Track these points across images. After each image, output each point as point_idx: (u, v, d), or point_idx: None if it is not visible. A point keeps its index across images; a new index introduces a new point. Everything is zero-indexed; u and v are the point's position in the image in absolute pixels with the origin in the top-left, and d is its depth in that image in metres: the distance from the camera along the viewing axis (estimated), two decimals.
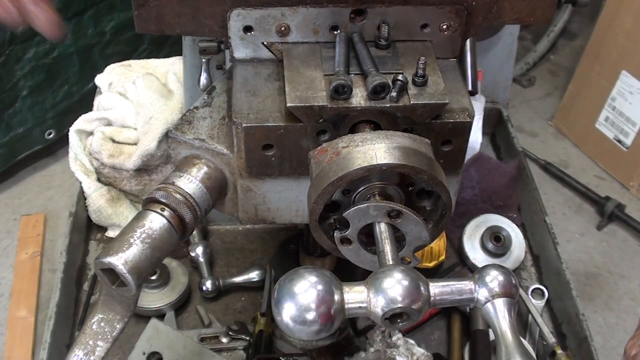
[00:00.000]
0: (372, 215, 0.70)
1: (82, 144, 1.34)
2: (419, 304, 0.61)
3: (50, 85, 1.58)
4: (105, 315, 0.73)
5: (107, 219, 1.31)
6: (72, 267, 1.24)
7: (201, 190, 0.76)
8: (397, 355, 1.03)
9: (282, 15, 0.78)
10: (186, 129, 0.81)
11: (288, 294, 0.59)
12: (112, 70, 1.44)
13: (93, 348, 0.71)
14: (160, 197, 0.73)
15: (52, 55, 1.55)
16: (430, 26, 0.80)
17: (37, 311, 1.31)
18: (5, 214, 1.53)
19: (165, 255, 0.72)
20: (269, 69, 0.80)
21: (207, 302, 1.21)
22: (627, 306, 1.37)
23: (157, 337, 1.08)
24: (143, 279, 0.69)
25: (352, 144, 0.69)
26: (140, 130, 1.27)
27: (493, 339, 1.10)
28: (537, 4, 0.82)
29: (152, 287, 1.16)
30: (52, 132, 1.62)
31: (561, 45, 2.03)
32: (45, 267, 1.39)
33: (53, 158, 1.66)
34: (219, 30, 0.79)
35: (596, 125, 1.68)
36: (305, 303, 0.59)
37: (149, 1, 0.77)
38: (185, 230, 0.74)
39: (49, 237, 1.46)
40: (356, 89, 0.73)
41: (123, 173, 1.30)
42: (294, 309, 0.59)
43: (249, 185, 0.79)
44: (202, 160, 0.79)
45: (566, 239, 1.48)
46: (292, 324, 0.59)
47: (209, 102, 0.85)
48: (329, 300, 0.59)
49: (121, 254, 0.67)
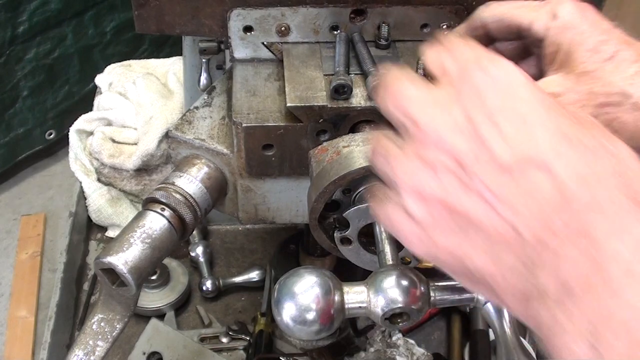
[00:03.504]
0: (372, 215, 0.70)
1: (82, 144, 1.34)
2: (419, 304, 0.61)
3: (51, 85, 1.58)
4: (105, 315, 0.73)
5: (107, 219, 1.31)
6: (72, 267, 1.24)
7: (201, 190, 0.76)
8: (397, 355, 1.03)
9: (282, 15, 0.78)
10: (186, 129, 0.81)
11: (288, 294, 0.59)
12: (112, 70, 1.44)
13: (93, 348, 0.71)
14: (160, 197, 0.73)
15: (53, 56, 1.56)
16: (431, 26, 0.80)
17: (37, 311, 1.31)
18: (5, 214, 1.53)
19: (165, 255, 0.72)
20: (269, 69, 0.80)
21: (207, 302, 1.21)
22: None
23: (157, 337, 1.08)
24: (143, 279, 0.69)
25: (353, 143, 0.69)
26: (140, 130, 1.27)
27: (493, 339, 1.10)
28: None
29: (152, 287, 1.16)
30: (53, 132, 1.62)
31: None
32: (45, 267, 1.40)
33: (53, 158, 1.66)
34: (219, 30, 0.79)
35: None
36: (305, 303, 0.59)
37: (149, 1, 0.77)
38: (185, 230, 0.74)
39: (49, 237, 1.46)
40: (356, 89, 0.73)
41: (123, 173, 1.31)
42: (294, 309, 0.59)
43: (249, 185, 0.79)
44: (202, 160, 0.79)
45: None
46: (292, 324, 0.59)
47: (209, 102, 0.85)
48: (329, 300, 0.59)
49: (121, 254, 0.67)
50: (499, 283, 0.42)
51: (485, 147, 0.42)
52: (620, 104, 0.57)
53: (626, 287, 0.35)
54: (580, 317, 0.37)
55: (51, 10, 1.50)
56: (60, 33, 1.55)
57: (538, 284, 0.39)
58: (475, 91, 0.44)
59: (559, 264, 0.38)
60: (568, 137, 0.41)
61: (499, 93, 0.43)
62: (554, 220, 0.39)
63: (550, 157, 0.40)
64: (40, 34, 1.51)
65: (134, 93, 1.32)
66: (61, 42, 1.56)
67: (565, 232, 0.38)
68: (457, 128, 0.43)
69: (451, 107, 0.44)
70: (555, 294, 0.38)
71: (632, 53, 0.58)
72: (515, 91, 0.43)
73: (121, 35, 1.65)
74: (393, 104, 0.48)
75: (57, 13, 1.52)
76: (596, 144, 0.41)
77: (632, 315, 0.35)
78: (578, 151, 0.40)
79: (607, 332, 0.35)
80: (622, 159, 0.41)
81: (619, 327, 0.35)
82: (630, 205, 0.38)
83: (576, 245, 0.38)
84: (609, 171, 0.40)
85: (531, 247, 0.40)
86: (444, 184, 0.43)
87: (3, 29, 1.44)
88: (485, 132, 0.42)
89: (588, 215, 0.38)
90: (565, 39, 0.59)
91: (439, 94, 0.46)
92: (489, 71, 0.44)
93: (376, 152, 0.49)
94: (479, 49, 0.47)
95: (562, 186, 0.39)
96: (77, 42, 1.58)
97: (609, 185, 0.39)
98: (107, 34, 1.63)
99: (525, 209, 0.40)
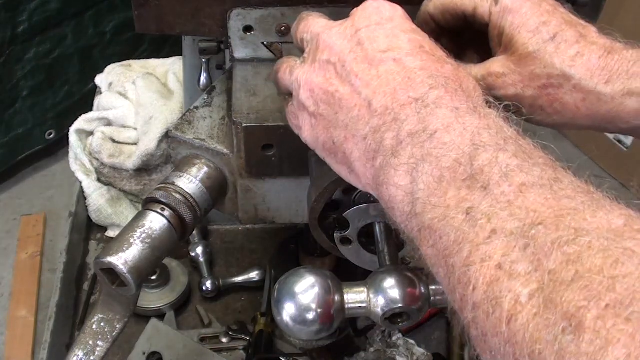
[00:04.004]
0: (372, 215, 0.70)
1: (82, 144, 1.34)
2: (419, 304, 0.61)
3: (51, 85, 1.58)
4: (105, 315, 0.72)
5: (107, 219, 1.31)
6: (72, 267, 1.24)
7: (201, 190, 0.76)
8: (397, 355, 1.03)
9: (282, 15, 0.78)
10: (186, 129, 0.80)
11: (288, 294, 0.59)
12: (112, 70, 1.44)
13: (93, 348, 0.71)
14: (160, 197, 0.72)
15: (53, 56, 1.56)
16: None
17: (37, 311, 1.31)
18: (5, 214, 1.53)
19: (165, 255, 0.72)
20: (269, 69, 0.80)
21: (207, 302, 1.21)
22: None
23: (157, 337, 1.08)
24: (143, 279, 0.69)
25: None
26: (140, 130, 1.27)
27: None
28: None
29: (152, 287, 1.16)
30: (53, 132, 1.62)
31: None
32: (45, 267, 1.40)
33: (53, 158, 1.66)
34: (219, 30, 0.79)
35: None
36: (305, 303, 0.59)
37: (149, 1, 0.77)
38: (185, 231, 0.74)
39: (49, 237, 1.46)
40: None
41: (123, 173, 1.31)
42: (294, 309, 0.59)
43: (249, 185, 0.79)
44: (202, 160, 0.79)
45: None
46: (292, 324, 0.59)
47: (209, 102, 0.85)
48: (329, 300, 0.59)
49: (121, 254, 0.67)
50: (352, 151, 0.53)
51: (361, 47, 0.54)
52: (561, 86, 0.59)
53: (444, 133, 0.46)
54: (406, 158, 0.47)
55: (51, 10, 1.50)
56: (60, 33, 1.55)
57: (382, 144, 0.50)
58: (365, 14, 0.56)
59: (399, 125, 0.49)
60: (424, 49, 0.53)
61: (381, 16, 0.56)
62: (400, 94, 0.50)
63: (405, 55, 0.52)
64: (40, 34, 1.51)
65: (134, 93, 1.31)
66: (61, 42, 1.56)
67: (407, 101, 0.49)
68: (346, 36, 0.56)
69: (346, 25, 0.57)
70: (393, 147, 0.49)
71: (573, 33, 0.59)
72: (393, 17, 0.56)
73: (121, 35, 1.65)
74: (305, 28, 0.61)
75: (57, 13, 1.52)
76: (442, 54, 0.54)
77: (442, 153, 0.45)
78: (428, 58, 0.52)
79: (424, 164, 0.46)
80: (459, 70, 0.52)
81: (432, 160, 0.45)
82: (456, 88, 0.50)
83: (413, 109, 0.49)
84: (448, 71, 0.51)
85: (379, 116, 0.51)
86: (327, 77, 0.55)
87: (3, 29, 1.44)
88: (364, 38, 0.54)
89: (424, 89, 0.49)
90: (507, 21, 0.61)
91: (341, 23, 0.58)
92: (380, 5, 0.57)
93: (281, 69, 0.62)
94: None
95: (409, 72, 0.51)
96: (77, 42, 1.58)
97: (444, 73, 0.51)
98: (107, 34, 1.63)
99: (380, 89, 0.51)
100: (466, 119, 0.47)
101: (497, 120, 0.47)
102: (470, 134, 0.45)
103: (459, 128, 0.46)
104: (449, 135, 0.46)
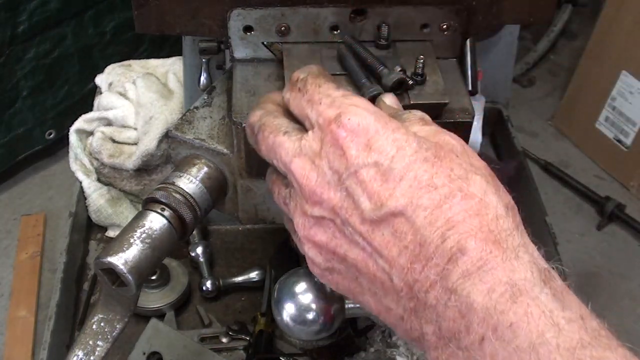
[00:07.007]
0: None
1: (82, 144, 1.34)
2: None
3: (51, 85, 1.58)
4: (105, 315, 0.72)
5: (107, 219, 1.31)
6: (72, 267, 1.24)
7: (201, 190, 0.76)
8: (397, 355, 1.03)
9: (282, 15, 0.78)
10: (186, 128, 0.81)
11: (288, 294, 0.59)
12: (112, 70, 1.44)
13: (93, 348, 0.71)
14: (160, 197, 0.72)
15: (53, 56, 1.56)
16: (431, 26, 0.80)
17: (37, 311, 1.31)
18: (5, 214, 1.53)
19: (165, 255, 0.72)
20: (269, 69, 0.80)
21: (207, 302, 1.21)
22: (627, 306, 1.37)
23: (157, 337, 1.08)
24: (143, 279, 0.69)
25: None
26: (140, 130, 1.27)
27: None
28: (537, 5, 0.82)
29: (152, 287, 1.16)
30: (53, 132, 1.62)
31: (561, 45, 2.03)
32: (45, 267, 1.39)
33: (53, 158, 1.66)
34: (219, 30, 0.79)
35: (596, 125, 1.68)
36: (305, 303, 0.59)
37: (149, 1, 0.77)
38: (186, 231, 0.74)
39: (49, 237, 1.46)
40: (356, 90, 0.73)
41: (123, 173, 1.30)
42: (294, 309, 0.59)
43: (249, 185, 0.79)
44: (202, 160, 0.79)
45: (566, 239, 1.48)
46: (292, 324, 0.59)
47: (209, 102, 0.85)
48: (329, 300, 0.59)
49: (121, 254, 0.67)
50: (385, 319, 0.48)
51: (352, 200, 0.45)
52: None
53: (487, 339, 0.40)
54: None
55: (51, 10, 1.50)
56: (59, 33, 1.54)
57: (425, 338, 0.43)
58: (335, 143, 0.47)
59: (432, 315, 0.42)
60: (424, 185, 0.44)
61: (357, 144, 0.46)
62: (416, 268, 0.42)
63: (407, 208, 0.43)
64: (39, 34, 1.51)
65: (134, 93, 1.31)
66: (61, 42, 1.55)
67: (427, 282, 0.42)
68: (325, 181, 0.47)
69: (317, 159, 0.48)
70: (434, 341, 0.43)
71: None
72: (372, 139, 0.46)
73: (121, 35, 1.65)
74: (266, 149, 0.55)
75: (57, 13, 1.51)
76: (454, 187, 0.44)
77: None
78: (433, 199, 0.43)
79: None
80: (479, 200, 0.44)
81: None
82: (484, 245, 0.42)
83: (439, 298, 0.41)
84: (462, 215, 0.43)
85: (406, 297, 0.44)
86: (330, 235, 0.48)
87: (3, 29, 1.44)
88: (350, 187, 0.46)
89: (444, 262, 0.42)
90: None
91: (306, 143, 0.50)
92: (345, 123, 0.47)
93: (277, 197, 0.56)
94: (333, 93, 0.50)
95: (418, 233, 0.43)
96: (76, 42, 1.58)
97: (461, 229, 0.42)
98: (107, 34, 1.62)
99: (395, 258, 0.43)
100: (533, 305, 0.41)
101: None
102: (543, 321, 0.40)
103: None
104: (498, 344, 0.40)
